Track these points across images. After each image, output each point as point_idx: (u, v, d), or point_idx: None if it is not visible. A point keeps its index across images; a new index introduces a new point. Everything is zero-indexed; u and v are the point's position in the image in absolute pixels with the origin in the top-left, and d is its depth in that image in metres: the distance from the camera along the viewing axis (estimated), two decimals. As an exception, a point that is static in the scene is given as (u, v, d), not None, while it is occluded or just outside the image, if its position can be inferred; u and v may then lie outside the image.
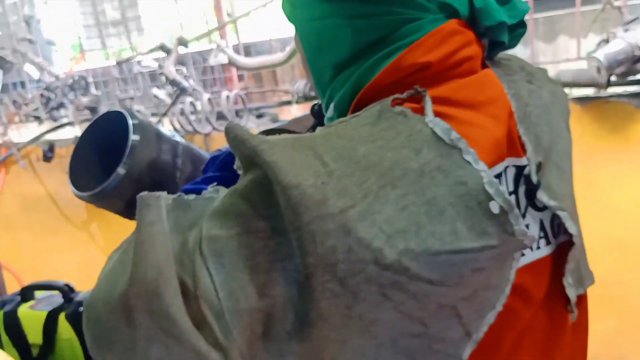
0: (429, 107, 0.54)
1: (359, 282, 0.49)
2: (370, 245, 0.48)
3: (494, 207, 0.51)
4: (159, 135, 0.88)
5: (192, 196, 0.56)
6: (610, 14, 2.06)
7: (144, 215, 0.52)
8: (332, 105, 0.64)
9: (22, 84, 2.91)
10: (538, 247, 0.61)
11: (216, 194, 0.56)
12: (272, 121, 2.60)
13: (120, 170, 0.83)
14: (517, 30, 0.64)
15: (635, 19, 1.91)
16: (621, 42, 1.84)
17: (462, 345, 0.54)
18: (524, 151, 0.60)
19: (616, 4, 2.02)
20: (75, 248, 3.28)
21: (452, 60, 0.60)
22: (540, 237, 0.62)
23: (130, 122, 0.85)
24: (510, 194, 0.59)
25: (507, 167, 0.59)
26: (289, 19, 0.70)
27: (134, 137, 0.84)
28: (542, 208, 0.61)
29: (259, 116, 2.63)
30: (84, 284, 1.47)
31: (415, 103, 0.56)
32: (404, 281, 0.49)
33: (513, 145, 0.60)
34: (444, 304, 0.52)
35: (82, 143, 0.91)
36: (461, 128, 0.55)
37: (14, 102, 2.85)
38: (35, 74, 2.82)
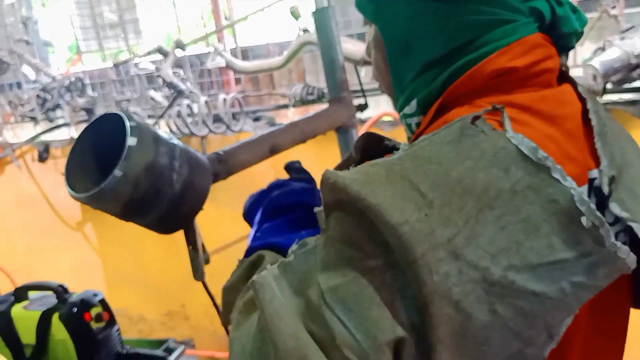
0: (507, 123, 0.56)
1: (471, 302, 0.51)
2: (478, 266, 0.51)
3: (586, 222, 0.53)
4: (157, 138, 0.88)
5: (291, 257, 0.59)
6: (607, 22, 2.07)
7: (262, 296, 0.57)
8: (414, 102, 0.66)
9: (19, 85, 2.91)
10: None
11: (307, 246, 0.59)
12: (269, 124, 2.60)
13: (117, 173, 0.82)
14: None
15: (631, 28, 1.93)
16: (617, 50, 1.85)
17: (545, 346, 0.56)
18: (596, 164, 0.61)
19: (613, 12, 2.03)
20: (69, 249, 3.28)
21: (535, 68, 0.62)
22: None
23: (127, 124, 0.85)
24: None
25: None
26: (370, 18, 0.71)
27: (131, 139, 0.84)
28: (612, 223, 0.61)
29: (256, 119, 2.63)
30: (78, 285, 1.47)
31: (492, 116, 0.58)
32: (509, 295, 0.52)
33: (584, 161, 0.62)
34: (543, 318, 0.54)
35: (79, 144, 0.91)
36: (539, 139, 0.56)
37: (10, 102, 2.84)
38: (31, 75, 2.82)
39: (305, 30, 2.31)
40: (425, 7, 0.64)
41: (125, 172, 0.83)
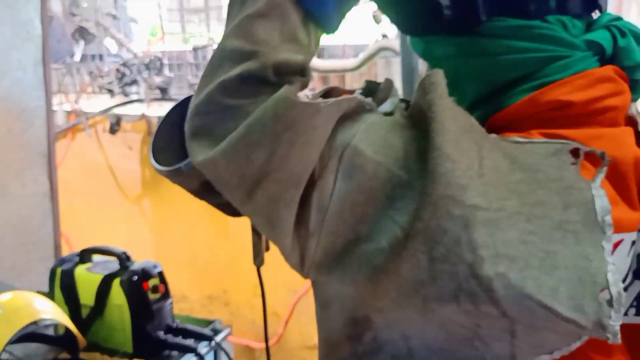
0: (600, 177, 0.54)
1: (444, 271, 0.50)
2: (476, 251, 0.49)
3: (604, 294, 0.51)
4: (241, 123, 0.91)
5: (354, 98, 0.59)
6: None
7: (313, 119, 0.56)
8: None
9: (101, 57, 3.01)
10: (626, 314, 0.61)
11: (375, 112, 0.59)
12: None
13: (201, 151, 0.86)
14: None
15: None
16: None
17: None
18: None
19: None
20: (126, 221, 3.38)
21: (596, 106, 0.60)
22: (632, 306, 0.62)
23: (216, 106, 0.88)
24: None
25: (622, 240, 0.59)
26: (422, 56, 0.71)
27: (217, 121, 0.87)
28: None
29: (322, 118, 2.65)
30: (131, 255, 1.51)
31: (587, 160, 0.56)
32: (481, 299, 0.50)
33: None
34: (504, 329, 0.53)
35: (167, 119, 0.95)
36: None
37: (90, 73, 2.96)
38: (114, 48, 2.92)
39: (385, 36, 2.32)
40: (476, 45, 0.62)
41: (209, 151, 0.86)
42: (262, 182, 0.57)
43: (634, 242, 0.58)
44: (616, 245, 0.57)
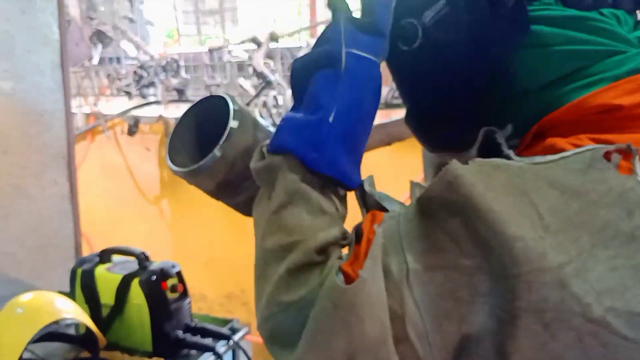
0: (637, 166, 0.54)
1: (561, 328, 0.52)
2: (582, 300, 0.51)
3: None
4: (256, 124, 0.91)
5: (379, 229, 0.59)
6: None
7: (365, 289, 0.56)
8: (510, 126, 0.65)
9: (118, 60, 3.05)
10: None
11: (395, 217, 0.59)
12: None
13: (217, 152, 0.86)
14: None
15: None
16: None
17: None
18: None
19: None
20: (144, 221, 3.41)
21: None
22: None
23: (231, 107, 0.88)
24: None
25: None
26: None
27: (233, 122, 0.87)
28: None
29: (338, 117, 2.66)
30: (150, 255, 1.52)
31: (622, 156, 0.56)
32: (602, 333, 0.52)
33: None
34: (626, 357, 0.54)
35: (183, 121, 0.95)
36: None
37: (109, 75, 2.99)
38: (131, 51, 2.96)
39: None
40: (536, 36, 0.61)
41: (224, 152, 0.87)
42: (355, 359, 0.58)
43: None
44: None
